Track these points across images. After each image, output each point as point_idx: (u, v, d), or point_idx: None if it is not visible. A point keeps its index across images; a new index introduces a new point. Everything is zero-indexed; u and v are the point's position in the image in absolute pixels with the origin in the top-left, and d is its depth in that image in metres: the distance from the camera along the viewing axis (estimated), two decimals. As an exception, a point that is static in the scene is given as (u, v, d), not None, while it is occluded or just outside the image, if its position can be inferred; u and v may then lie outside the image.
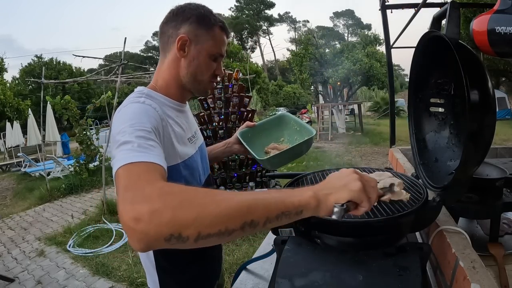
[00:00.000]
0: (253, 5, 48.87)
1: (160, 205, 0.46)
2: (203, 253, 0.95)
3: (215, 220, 0.47)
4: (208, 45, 0.85)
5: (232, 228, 0.48)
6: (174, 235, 0.45)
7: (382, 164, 6.85)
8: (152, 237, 0.45)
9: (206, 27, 0.84)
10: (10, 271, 3.31)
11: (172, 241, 0.46)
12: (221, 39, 0.87)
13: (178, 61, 0.85)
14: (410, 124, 1.10)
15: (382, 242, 0.76)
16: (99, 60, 24.86)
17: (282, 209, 0.52)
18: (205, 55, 0.85)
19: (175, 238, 0.46)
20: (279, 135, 1.20)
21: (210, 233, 0.47)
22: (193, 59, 0.85)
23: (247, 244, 3.29)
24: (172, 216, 0.45)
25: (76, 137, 6.66)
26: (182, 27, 0.83)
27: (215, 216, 0.47)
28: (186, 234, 0.46)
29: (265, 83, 26.72)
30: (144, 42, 70.81)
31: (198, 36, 0.84)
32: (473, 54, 0.70)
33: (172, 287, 0.94)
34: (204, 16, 0.84)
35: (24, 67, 25.33)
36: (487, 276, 0.61)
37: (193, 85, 0.89)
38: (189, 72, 0.86)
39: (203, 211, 0.47)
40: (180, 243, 0.46)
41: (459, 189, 0.78)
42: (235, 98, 3.96)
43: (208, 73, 0.88)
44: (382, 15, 2.26)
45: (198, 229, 0.46)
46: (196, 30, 0.83)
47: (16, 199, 6.43)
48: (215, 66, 0.89)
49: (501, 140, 7.85)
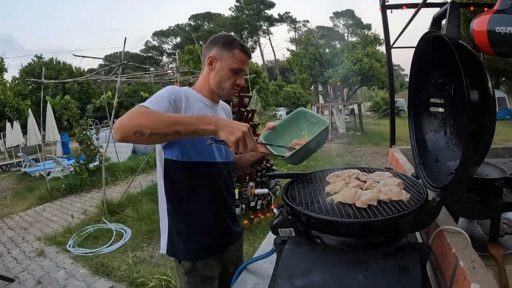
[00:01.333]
0: (253, 5, 48.86)
1: (134, 114, 0.88)
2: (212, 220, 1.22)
3: (160, 125, 0.85)
4: (229, 62, 1.15)
5: (168, 132, 0.85)
6: (138, 131, 0.84)
7: (382, 164, 6.85)
8: (125, 130, 0.85)
9: (228, 49, 1.15)
10: (10, 271, 3.30)
11: (136, 135, 0.84)
12: (240, 58, 1.16)
13: (209, 73, 1.19)
14: (410, 124, 1.10)
15: (382, 242, 0.76)
16: (99, 60, 24.88)
17: (196, 129, 0.87)
18: (227, 69, 1.15)
19: (138, 133, 0.84)
20: (299, 129, 1.25)
21: (156, 132, 0.85)
22: (218, 71, 1.17)
23: (247, 244, 3.29)
24: (139, 121, 0.86)
25: (76, 137, 6.65)
26: (212, 50, 1.17)
27: (161, 123, 0.85)
28: (144, 131, 0.84)
29: (265, 83, 26.70)
30: (144, 42, 70.88)
31: (222, 55, 1.15)
32: (473, 54, 0.70)
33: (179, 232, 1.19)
34: (227, 42, 1.15)
35: (24, 67, 25.30)
36: (487, 276, 0.61)
37: (219, 90, 1.20)
38: (215, 81, 1.18)
39: (155, 120, 0.86)
40: (140, 137, 0.84)
41: (459, 189, 0.78)
42: (235, 98, 3.95)
43: (229, 82, 1.17)
44: (382, 15, 2.26)
45: (150, 128, 0.85)
46: (221, 51, 1.15)
47: (16, 199, 6.42)
48: (236, 77, 1.18)
49: (501, 140, 7.85)
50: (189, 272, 1.18)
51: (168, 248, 1.20)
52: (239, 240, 1.37)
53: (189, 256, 1.19)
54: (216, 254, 1.24)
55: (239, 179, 3.80)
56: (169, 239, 1.20)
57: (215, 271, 1.23)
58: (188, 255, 1.19)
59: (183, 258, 1.19)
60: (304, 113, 1.25)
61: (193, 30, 42.77)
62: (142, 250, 3.54)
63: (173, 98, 1.06)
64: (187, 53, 18.05)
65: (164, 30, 52.96)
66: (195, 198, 1.17)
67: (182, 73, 6.16)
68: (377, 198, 0.80)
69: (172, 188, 1.16)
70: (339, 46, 16.62)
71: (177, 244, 1.18)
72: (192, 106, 1.13)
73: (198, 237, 1.19)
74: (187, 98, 1.12)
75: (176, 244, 1.18)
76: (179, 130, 0.85)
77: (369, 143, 10.03)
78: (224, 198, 1.25)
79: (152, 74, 7.78)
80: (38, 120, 8.54)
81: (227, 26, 43.28)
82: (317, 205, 0.81)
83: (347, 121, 15.03)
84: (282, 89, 29.89)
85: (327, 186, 0.92)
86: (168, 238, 1.20)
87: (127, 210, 4.66)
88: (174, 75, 6.60)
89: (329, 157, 7.86)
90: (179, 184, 1.16)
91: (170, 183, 1.16)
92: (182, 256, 1.19)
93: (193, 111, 1.12)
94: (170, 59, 51.73)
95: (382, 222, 0.70)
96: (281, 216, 0.87)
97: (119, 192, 5.67)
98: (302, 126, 1.24)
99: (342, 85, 14.73)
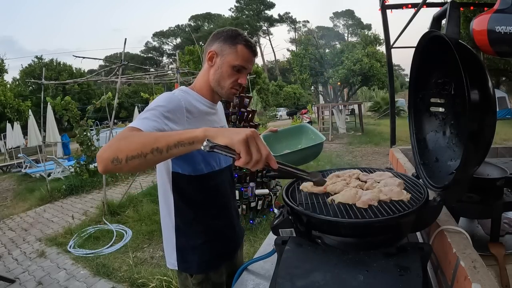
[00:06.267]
0: (253, 5, 48.93)
1: (112, 142, 0.75)
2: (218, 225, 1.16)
3: (135, 146, 0.72)
4: (230, 58, 1.04)
5: (145, 152, 0.71)
6: (114, 158, 0.72)
7: (382, 164, 6.85)
8: (104, 160, 0.73)
9: (230, 44, 1.04)
10: (11, 272, 3.31)
11: (114, 162, 0.72)
12: (243, 54, 1.05)
13: (209, 70, 1.08)
14: (410, 124, 1.10)
15: (383, 242, 0.76)
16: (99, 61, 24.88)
17: (178, 139, 0.71)
18: (227, 66, 1.04)
19: (115, 159, 0.72)
20: (297, 142, 1.30)
21: (133, 155, 0.71)
22: (218, 68, 1.06)
23: (248, 244, 3.29)
24: (116, 146, 0.74)
25: (76, 138, 6.66)
26: (214, 44, 1.06)
27: (136, 143, 0.73)
28: (120, 157, 0.72)
29: (265, 83, 26.70)
30: (144, 43, 70.88)
31: (223, 50, 1.04)
32: (473, 54, 0.70)
33: (186, 245, 1.12)
34: (230, 36, 1.04)
35: (24, 68, 25.38)
36: (488, 276, 0.61)
37: (218, 89, 1.08)
38: (215, 78, 1.07)
39: (131, 142, 0.74)
40: (118, 164, 0.72)
41: (459, 189, 0.78)
42: (235, 99, 3.96)
43: (229, 80, 1.06)
44: (382, 15, 2.26)
45: (126, 153, 0.72)
46: (222, 46, 1.05)
47: (17, 200, 6.43)
48: (238, 76, 1.07)
49: (501, 140, 7.85)
50: (202, 283, 1.13)
51: (179, 265, 1.13)
52: (243, 242, 1.36)
53: (203, 267, 1.13)
54: (227, 260, 1.21)
55: (239, 179, 3.79)
56: (179, 254, 1.12)
57: (224, 276, 1.20)
58: (203, 267, 1.13)
59: (197, 271, 1.12)
60: (306, 129, 1.34)
61: (193, 30, 42.80)
62: (142, 251, 3.54)
63: (172, 109, 0.94)
64: (187, 53, 18.08)
65: (164, 31, 53.10)
66: (207, 209, 1.12)
67: (182, 74, 6.16)
68: (377, 198, 0.80)
69: (184, 202, 1.09)
70: (339, 46, 16.61)
71: (190, 257, 1.12)
72: (194, 112, 1.03)
73: (212, 246, 1.13)
74: (188, 104, 1.02)
75: (188, 258, 1.12)
76: (158, 147, 0.70)
77: (369, 143, 10.02)
78: (231, 202, 1.22)
79: (152, 75, 7.77)
80: (39, 121, 8.55)
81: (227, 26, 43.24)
82: (317, 206, 0.81)
83: (348, 121, 15.01)
84: (282, 89, 29.92)
85: (327, 186, 0.91)
86: (178, 254, 1.12)
87: (127, 211, 4.66)
88: (174, 76, 6.61)
89: (330, 157, 7.85)
90: (193, 198, 1.09)
91: (180, 198, 1.08)
92: (196, 269, 1.12)
93: (197, 117, 1.03)
94: (170, 59, 51.82)
95: (382, 222, 0.70)
96: (281, 216, 0.87)
97: (120, 193, 5.67)
98: (301, 140, 1.31)
99: (342, 85, 14.74)
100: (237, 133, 0.67)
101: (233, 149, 0.67)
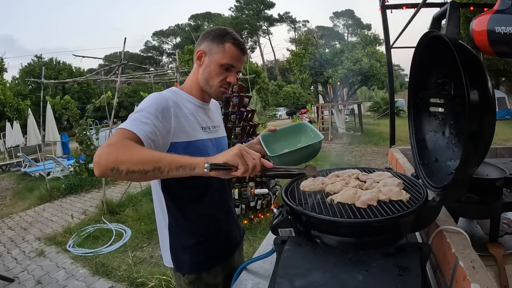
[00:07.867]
0: (253, 5, 48.90)
1: (112, 150, 0.78)
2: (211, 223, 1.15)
3: (138, 162, 0.77)
4: (218, 57, 1.04)
5: (147, 169, 0.77)
6: (114, 168, 0.76)
7: (382, 164, 6.85)
8: (103, 166, 0.76)
9: (218, 42, 1.04)
10: (10, 271, 3.30)
11: (114, 171, 0.76)
12: (231, 53, 1.04)
13: (198, 69, 1.09)
14: (410, 124, 1.10)
15: (382, 242, 0.76)
16: (99, 60, 24.86)
17: (180, 163, 0.79)
18: (215, 64, 1.04)
19: (115, 169, 0.76)
20: (296, 141, 1.28)
21: (134, 170, 0.77)
22: (206, 67, 1.06)
23: (247, 244, 3.28)
24: (115, 156, 0.76)
25: (76, 137, 6.65)
26: (202, 44, 1.07)
27: (139, 159, 0.77)
28: (121, 168, 0.76)
29: (265, 83, 26.70)
30: (144, 42, 70.87)
31: (211, 49, 1.05)
32: (473, 54, 0.70)
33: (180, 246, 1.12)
34: (218, 35, 1.04)
35: (24, 67, 25.32)
36: (487, 276, 0.61)
37: (207, 88, 1.09)
38: (203, 77, 1.08)
39: (132, 156, 0.77)
40: (117, 174, 0.76)
41: (459, 189, 0.78)
42: (235, 98, 3.95)
43: (218, 79, 1.06)
44: (382, 15, 2.27)
45: (127, 166, 0.76)
46: (210, 45, 1.05)
47: (16, 199, 6.42)
48: (226, 74, 1.07)
49: (501, 140, 7.85)
50: (193, 282, 1.12)
51: (173, 263, 1.13)
52: (241, 244, 1.33)
53: (195, 268, 1.12)
54: (221, 261, 1.18)
55: (238, 179, 3.79)
56: (172, 253, 1.12)
57: (220, 278, 1.17)
58: (194, 267, 1.12)
59: (189, 271, 1.12)
60: (305, 127, 1.31)
61: (193, 30, 42.73)
62: (142, 250, 3.54)
63: (160, 109, 0.95)
64: (187, 53, 18.06)
65: (164, 30, 53.02)
66: (197, 209, 1.10)
67: (182, 73, 6.16)
68: (377, 198, 0.80)
69: (173, 201, 1.08)
70: (339, 46, 16.61)
71: (181, 257, 1.12)
72: (182, 111, 1.03)
73: (204, 247, 1.12)
74: (175, 104, 1.01)
75: (180, 257, 1.12)
76: (160, 167, 0.77)
77: (369, 143, 10.03)
78: (226, 203, 1.20)
79: (152, 74, 7.77)
80: (38, 120, 8.53)
81: (227, 26, 43.24)
82: (317, 205, 0.81)
83: (347, 121, 15.02)
84: (282, 89, 29.92)
85: (327, 186, 0.92)
86: (171, 253, 1.12)
87: (127, 210, 4.66)
88: (174, 75, 6.60)
89: (329, 157, 7.86)
90: (181, 198, 1.08)
91: (169, 197, 1.08)
92: (188, 269, 1.12)
93: (185, 115, 1.04)
94: (170, 59, 51.77)
95: (382, 222, 0.70)
96: (281, 216, 0.87)
97: (119, 192, 5.67)
98: (300, 139, 1.29)
99: (342, 85, 14.72)
100: (230, 151, 0.81)
101: (231, 164, 0.80)
